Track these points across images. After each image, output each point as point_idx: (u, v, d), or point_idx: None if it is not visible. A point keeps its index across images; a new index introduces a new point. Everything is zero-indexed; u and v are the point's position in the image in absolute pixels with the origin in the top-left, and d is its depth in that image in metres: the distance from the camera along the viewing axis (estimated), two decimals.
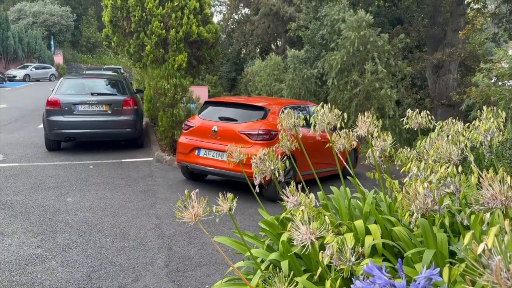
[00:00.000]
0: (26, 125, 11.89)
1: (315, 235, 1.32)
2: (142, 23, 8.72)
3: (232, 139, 5.60)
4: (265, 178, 1.98)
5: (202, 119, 6.33)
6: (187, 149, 6.22)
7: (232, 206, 1.77)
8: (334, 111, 2.23)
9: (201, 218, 1.74)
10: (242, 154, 2.15)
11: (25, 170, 6.93)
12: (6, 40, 36.16)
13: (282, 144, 2.50)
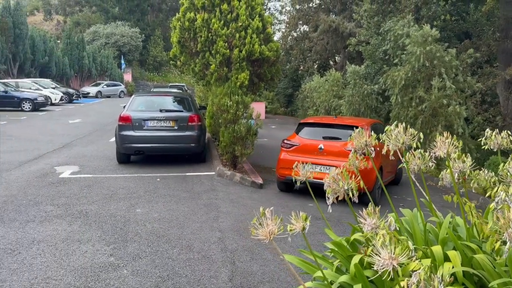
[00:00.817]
0: (99, 139, 12.76)
1: (397, 261, 1.29)
2: (207, 43, 9.10)
3: (339, 155, 6.67)
4: (337, 198, 1.97)
5: (304, 138, 7.28)
6: (292, 165, 6.49)
7: (306, 225, 1.78)
8: (409, 131, 2.17)
9: (275, 236, 1.75)
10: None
11: (99, 181, 7.42)
12: (81, 60, 39.31)
13: (351, 163, 2.47)
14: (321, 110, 21.16)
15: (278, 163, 7.39)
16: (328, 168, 6.67)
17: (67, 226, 5.06)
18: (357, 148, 2.24)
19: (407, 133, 2.15)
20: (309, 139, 7.19)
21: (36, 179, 7.33)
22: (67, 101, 27.79)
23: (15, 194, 6.37)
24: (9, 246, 4.37)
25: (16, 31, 28.51)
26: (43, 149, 10.39)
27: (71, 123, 16.85)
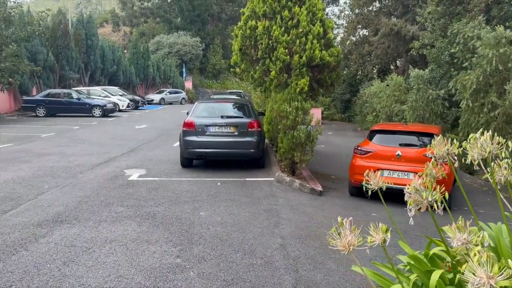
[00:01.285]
0: (163, 143, 13.32)
1: (495, 280, 1.19)
2: (268, 50, 9.18)
3: (417, 162, 6.87)
4: (419, 209, 1.88)
5: (379, 145, 7.49)
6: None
7: (387, 237, 1.70)
8: (495, 139, 2.02)
9: (355, 248, 1.69)
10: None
11: (164, 184, 7.73)
12: (146, 68, 41.40)
13: (427, 172, 2.34)
14: (382, 116, 20.47)
15: (352, 169, 7.63)
16: (406, 174, 7.02)
17: (137, 226, 5.31)
18: (437, 156, 2.13)
19: (494, 141, 2.00)
20: (385, 145, 7.44)
21: (107, 181, 7.80)
22: (133, 107, 29.37)
23: (89, 195, 6.82)
24: (84, 244, 4.67)
25: (88, 42, 30.69)
26: (113, 153, 11.04)
27: (137, 128, 17.76)
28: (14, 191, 6.93)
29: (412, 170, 6.90)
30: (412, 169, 6.91)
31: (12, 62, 18.84)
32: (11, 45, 19.01)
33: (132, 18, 59.68)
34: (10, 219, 5.48)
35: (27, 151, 10.95)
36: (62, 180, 7.82)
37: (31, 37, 20.66)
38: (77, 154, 10.67)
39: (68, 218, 5.59)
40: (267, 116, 11.52)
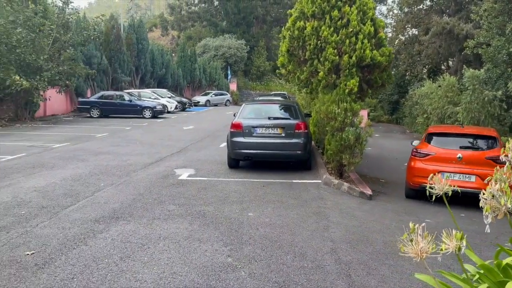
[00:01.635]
0: (210, 144, 13.55)
1: None
2: (316, 50, 9.08)
3: (478, 164, 7.02)
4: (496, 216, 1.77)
5: (439, 148, 7.51)
6: (429, 174, 7.01)
7: (462, 245, 1.61)
8: None
9: (428, 255, 1.61)
10: None
11: (212, 184, 7.85)
12: (193, 71, 42.41)
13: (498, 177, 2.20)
14: (433, 118, 19.64)
15: (410, 171, 7.69)
16: (468, 177, 7.11)
17: (188, 225, 5.43)
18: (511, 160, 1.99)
19: None
20: (445, 148, 7.46)
21: (159, 180, 8.04)
22: (180, 109, 30.17)
23: (142, 193, 7.06)
24: (140, 240, 4.83)
25: (139, 46, 31.91)
26: (163, 153, 11.38)
27: (185, 129, 18.22)
28: (72, 188, 7.31)
29: (473, 172, 7.05)
30: (473, 171, 7.05)
31: (69, 65, 19.97)
32: (69, 49, 20.14)
33: (180, 22, 61.37)
34: (70, 214, 5.78)
35: (84, 150, 11.54)
36: (117, 178, 8.16)
37: (87, 42, 21.79)
38: (130, 154, 11.09)
39: (124, 215, 5.81)
40: (314, 117, 11.41)
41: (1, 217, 5.53)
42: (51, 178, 7.98)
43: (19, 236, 4.87)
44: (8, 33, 17.77)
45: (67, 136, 14.45)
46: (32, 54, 18.28)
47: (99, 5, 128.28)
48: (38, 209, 5.94)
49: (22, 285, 3.66)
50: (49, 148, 11.74)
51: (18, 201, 6.33)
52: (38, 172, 8.53)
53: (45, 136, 14.54)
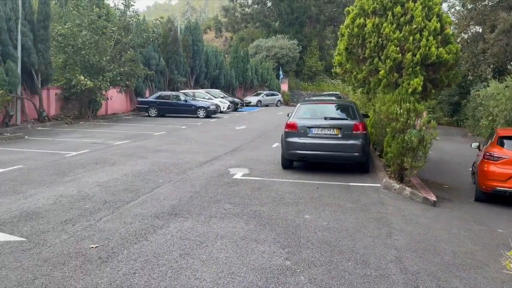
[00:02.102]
0: (263, 144, 13.52)
1: None
2: (377, 48, 8.72)
3: None
4: None
5: None
6: (504, 177, 7.23)
7: None
8: None
9: None
10: None
11: (267, 184, 7.77)
12: (245, 72, 42.78)
13: None
14: (500, 121, 18.27)
15: (483, 174, 7.55)
16: None
17: (244, 224, 5.37)
18: None
19: None
20: None
21: (214, 179, 8.10)
22: (232, 109, 30.52)
23: (199, 191, 7.13)
24: (198, 238, 4.84)
25: (194, 47, 32.69)
26: (217, 152, 11.50)
27: (237, 129, 18.36)
28: (133, 184, 7.54)
29: None
30: None
31: (130, 66, 20.85)
32: (129, 51, 21.03)
33: (233, 24, 62.22)
34: (131, 209, 5.94)
35: (143, 148, 11.94)
36: (174, 175, 8.32)
37: (146, 43, 22.63)
38: (186, 152, 11.32)
39: (182, 212, 5.88)
40: (371, 118, 10.99)
41: (67, 210, 5.80)
42: (113, 174, 8.30)
43: (84, 229, 5.06)
44: (75, 36, 18.89)
45: (127, 134, 15.07)
46: (95, 56, 19.29)
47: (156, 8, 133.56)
48: (101, 204, 6.17)
49: (87, 277, 3.77)
50: (111, 145, 12.27)
51: (82, 195, 6.62)
52: (100, 168, 8.92)
53: (107, 133, 15.26)
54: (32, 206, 5.94)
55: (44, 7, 17.23)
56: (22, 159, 9.67)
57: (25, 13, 16.23)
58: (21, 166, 8.82)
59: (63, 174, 8.15)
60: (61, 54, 19.30)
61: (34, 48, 16.54)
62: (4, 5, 15.28)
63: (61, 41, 18.82)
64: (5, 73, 14.49)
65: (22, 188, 6.95)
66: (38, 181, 7.49)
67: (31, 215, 5.53)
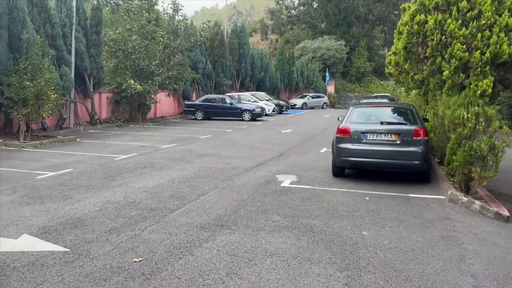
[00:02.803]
0: (310, 149, 13.00)
1: None
2: (440, 47, 7.96)
3: None
4: None
5: None
6: None
7: None
8: None
9: None
10: None
11: (317, 194, 7.28)
12: (291, 74, 42.29)
13: None
14: None
15: None
16: None
17: (295, 240, 4.94)
18: None
19: None
20: None
21: (261, 186, 7.73)
22: (277, 112, 30.17)
23: (245, 199, 6.78)
24: (246, 254, 4.47)
25: (240, 50, 32.68)
26: (263, 157, 11.14)
27: (283, 132, 17.93)
28: (179, 190, 7.34)
29: None
30: None
31: (178, 70, 21.06)
32: (178, 54, 21.25)
33: (280, 26, 61.93)
34: (176, 218, 5.69)
35: (189, 151, 11.82)
36: (220, 181, 8.04)
37: (194, 47, 22.79)
38: (231, 157, 11.06)
39: (228, 222, 5.55)
40: (431, 122, 10.16)
41: (113, 218, 5.64)
42: (159, 179, 8.16)
43: (128, 239, 4.85)
44: (125, 40, 19.33)
45: (174, 137, 15.10)
46: (145, 60, 19.64)
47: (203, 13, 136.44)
48: (147, 211, 5.98)
49: None
50: (158, 149, 12.28)
51: (129, 202, 6.48)
52: (148, 172, 8.83)
53: (155, 136, 15.38)
54: (78, 213, 5.86)
55: (96, 12, 17.76)
56: (73, 162, 9.82)
57: (79, 19, 16.79)
58: (71, 169, 8.92)
59: (111, 179, 8.12)
60: (112, 59, 19.83)
61: (87, 52, 17.08)
62: (59, 12, 15.88)
63: (112, 46, 19.34)
64: (59, 77, 15.00)
65: (70, 193, 6.94)
66: (86, 186, 7.48)
67: (76, 223, 5.42)
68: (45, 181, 7.78)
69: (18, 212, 5.85)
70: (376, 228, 5.50)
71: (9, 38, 12.81)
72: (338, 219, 5.81)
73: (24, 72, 12.38)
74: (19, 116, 12.45)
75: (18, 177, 8.04)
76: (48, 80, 12.82)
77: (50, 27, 15.11)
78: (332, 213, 6.12)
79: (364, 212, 6.19)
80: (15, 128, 13.88)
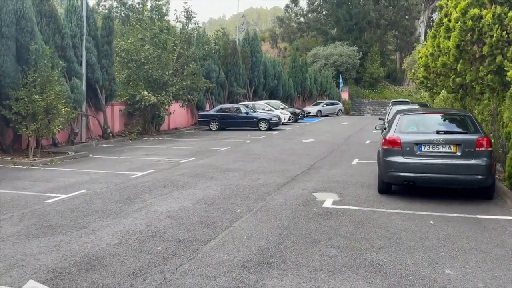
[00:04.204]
0: (340, 160, 11.98)
1: None
2: (501, 44, 6.96)
3: None
4: None
5: None
6: None
7: None
8: None
9: None
10: None
11: (369, 216, 6.26)
12: (304, 81, 41.36)
13: None
14: None
15: None
16: None
17: (367, 285, 3.93)
18: None
19: None
20: None
21: (300, 208, 6.74)
22: (293, 120, 29.21)
23: (287, 226, 5.80)
24: None
25: (253, 59, 31.88)
26: (292, 171, 10.16)
27: (305, 142, 16.95)
28: (207, 214, 6.38)
29: None
30: None
31: (192, 80, 20.24)
32: (192, 64, 20.47)
33: (290, 34, 61.18)
34: (211, 254, 4.73)
35: (210, 166, 10.89)
36: (252, 202, 7.08)
37: (208, 56, 22.01)
38: (257, 171, 10.10)
39: (275, 259, 4.57)
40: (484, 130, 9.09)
41: (136, 255, 4.70)
42: (183, 201, 7.22)
43: (158, 286, 3.89)
44: (137, 51, 18.60)
45: (191, 150, 14.21)
46: (158, 70, 18.88)
47: (211, 24, 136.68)
48: (175, 244, 5.03)
49: None
50: (176, 164, 11.37)
51: (152, 231, 5.54)
52: (169, 192, 7.91)
53: (171, 150, 14.51)
54: (94, 247, 4.93)
55: (108, 22, 17.05)
56: (86, 181, 8.94)
57: (89, 29, 16.08)
58: (85, 190, 8.03)
59: (129, 201, 7.21)
60: (124, 70, 19.12)
61: (98, 64, 16.33)
62: (69, 22, 15.18)
63: (124, 57, 18.62)
64: (70, 90, 14.25)
65: (84, 221, 6.03)
66: (102, 211, 6.57)
67: (93, 262, 4.49)
68: (55, 206, 6.88)
69: (25, 248, 4.94)
70: (458, 263, 4.46)
71: (17, 49, 12.09)
72: (408, 252, 4.79)
73: (33, 85, 11.61)
74: (28, 132, 11.65)
75: (26, 202, 7.17)
76: (58, 93, 12.03)
77: (59, 38, 14.40)
78: (397, 243, 5.10)
79: (435, 241, 5.16)
80: (24, 145, 13.09)
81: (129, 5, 29.69)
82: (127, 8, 29.73)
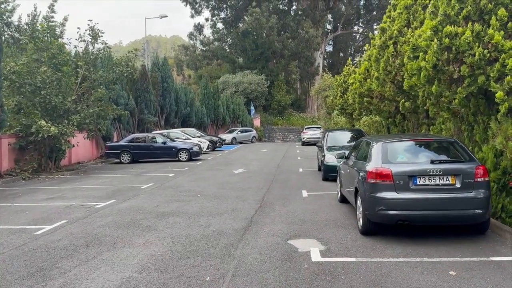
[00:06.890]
0: (288, 193, 10.73)
1: None
2: (483, 63, 6.44)
3: None
4: None
5: None
6: None
7: None
8: None
9: None
10: None
11: (377, 271, 4.97)
12: (217, 108, 40.28)
13: None
14: None
15: None
16: None
17: None
18: None
19: None
20: None
21: (286, 266, 5.20)
22: (211, 148, 27.66)
23: None
24: None
25: (164, 84, 29.85)
26: (243, 210, 8.61)
27: (236, 173, 15.49)
28: None
29: None
30: None
31: (100, 107, 17.56)
32: (100, 88, 17.85)
33: (195, 62, 60.10)
34: None
35: (140, 211, 8.79)
36: (220, 262, 5.34)
37: (119, 79, 19.53)
38: (203, 214, 8.32)
39: None
40: None
41: None
42: (122, 268, 5.19)
43: None
44: (32, 73, 15.55)
45: (106, 190, 11.77)
46: (58, 96, 15.97)
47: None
48: None
49: None
50: (93, 210, 9.02)
51: None
52: (97, 255, 5.77)
53: (80, 190, 11.87)
54: None
55: None
56: None
57: None
58: None
59: (42, 276, 4.96)
60: (15, 96, 15.79)
61: None
62: None
63: (15, 80, 15.38)
64: None
65: None
66: None
67: None
68: None
69: None
70: None
71: None
72: None
73: None
74: None
75: None
76: None
77: None
78: None
79: None
80: None
81: (15, 26, 25.58)
82: (13, 29, 25.53)
